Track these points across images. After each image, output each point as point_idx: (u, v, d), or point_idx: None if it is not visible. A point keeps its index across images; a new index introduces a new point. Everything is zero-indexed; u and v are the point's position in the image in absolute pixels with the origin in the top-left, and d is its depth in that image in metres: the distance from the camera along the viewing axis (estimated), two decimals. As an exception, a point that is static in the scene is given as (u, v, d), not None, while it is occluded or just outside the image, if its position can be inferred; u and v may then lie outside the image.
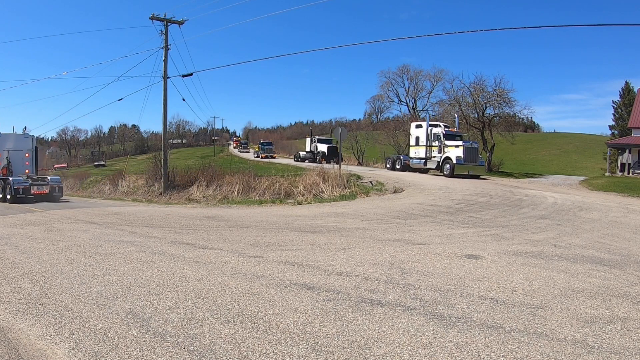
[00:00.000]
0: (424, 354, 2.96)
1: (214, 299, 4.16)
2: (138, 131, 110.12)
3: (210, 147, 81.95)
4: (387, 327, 3.43)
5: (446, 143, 23.68)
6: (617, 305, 4.03)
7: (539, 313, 3.76)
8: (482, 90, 31.27)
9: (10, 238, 7.91)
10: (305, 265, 5.48)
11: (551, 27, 51.40)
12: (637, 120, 30.06)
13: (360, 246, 6.76)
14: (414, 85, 48.95)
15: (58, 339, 3.24)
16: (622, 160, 29.51)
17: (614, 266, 5.54)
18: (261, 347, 3.07)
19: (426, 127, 25.22)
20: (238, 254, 6.28)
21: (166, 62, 20.06)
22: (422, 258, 5.88)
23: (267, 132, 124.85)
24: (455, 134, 24.66)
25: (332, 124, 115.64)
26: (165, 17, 19.76)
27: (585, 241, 7.24)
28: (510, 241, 7.15)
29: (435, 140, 24.46)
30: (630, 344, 3.14)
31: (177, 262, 5.79)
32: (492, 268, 5.36)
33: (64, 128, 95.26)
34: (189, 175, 20.73)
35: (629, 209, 11.73)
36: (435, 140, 24.46)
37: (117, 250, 6.65)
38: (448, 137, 23.96)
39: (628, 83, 43.79)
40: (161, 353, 2.98)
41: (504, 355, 2.94)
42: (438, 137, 24.34)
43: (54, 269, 5.41)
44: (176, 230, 8.85)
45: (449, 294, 4.28)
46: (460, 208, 11.60)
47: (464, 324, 3.48)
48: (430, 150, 24.87)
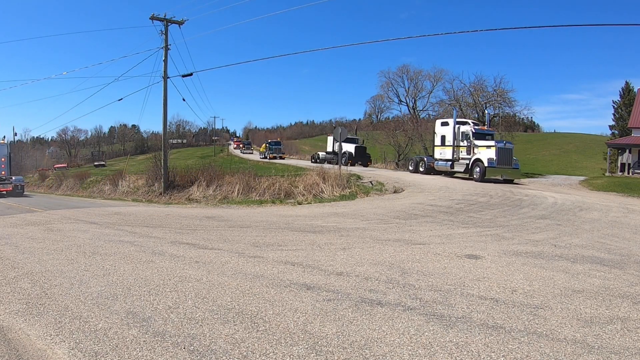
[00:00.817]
0: (424, 354, 2.95)
1: (214, 299, 4.16)
2: (138, 131, 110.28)
3: (210, 147, 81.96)
4: (387, 327, 3.43)
5: (476, 143, 21.01)
6: (617, 305, 4.03)
7: (539, 313, 3.76)
8: (482, 90, 31.32)
9: (10, 238, 7.91)
10: (305, 265, 5.48)
11: (551, 27, 51.42)
12: (637, 120, 30.06)
13: (360, 246, 6.76)
14: (414, 85, 48.85)
15: (58, 339, 3.23)
16: (622, 160, 29.51)
17: (614, 266, 5.54)
18: (261, 347, 3.07)
19: (453, 124, 22.42)
20: (238, 254, 6.28)
21: (166, 62, 20.06)
22: (422, 258, 5.88)
23: (267, 132, 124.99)
24: (486, 133, 21.95)
25: (332, 124, 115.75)
26: (165, 17, 19.75)
27: (585, 241, 7.24)
28: (510, 241, 7.15)
29: (463, 140, 21.77)
30: (630, 344, 3.14)
31: (177, 262, 5.79)
32: (492, 268, 5.36)
33: (64, 128, 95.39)
34: (189, 175, 20.72)
35: (629, 209, 11.73)
36: (463, 140, 21.77)
37: (117, 250, 6.65)
38: (478, 136, 21.30)
39: (628, 83, 43.83)
40: (161, 353, 2.98)
41: (504, 355, 2.94)
42: (467, 136, 21.61)
43: (54, 269, 5.41)
44: (176, 230, 8.85)
45: (449, 294, 4.28)
46: (460, 208, 11.60)
47: (464, 324, 3.48)
48: (457, 151, 22.16)
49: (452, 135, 22.36)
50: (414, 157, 27.28)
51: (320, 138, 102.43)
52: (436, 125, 24.81)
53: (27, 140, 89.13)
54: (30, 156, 64.34)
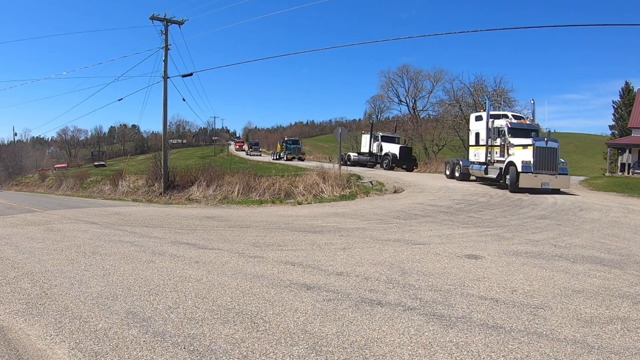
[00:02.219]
0: (424, 354, 2.95)
1: (214, 299, 4.16)
2: (138, 131, 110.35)
3: (210, 147, 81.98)
4: (387, 327, 3.43)
5: (512, 141, 16.23)
6: (617, 305, 4.03)
7: (539, 313, 3.76)
8: (482, 90, 31.33)
9: (10, 238, 7.91)
10: (305, 265, 5.48)
11: (551, 27, 51.44)
12: (637, 120, 30.08)
13: (360, 246, 6.76)
14: (414, 85, 48.97)
15: (58, 339, 3.24)
16: (622, 160, 29.54)
17: (614, 266, 5.54)
18: (261, 347, 3.07)
19: (486, 118, 17.71)
20: (238, 254, 6.28)
21: (166, 62, 20.05)
22: (422, 258, 5.88)
23: (267, 132, 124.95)
24: (527, 128, 17.01)
25: (332, 124, 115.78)
26: (165, 17, 19.75)
27: (585, 241, 7.24)
28: (510, 241, 7.15)
29: (497, 137, 17.01)
30: (630, 344, 3.14)
31: (177, 262, 5.79)
32: (492, 268, 5.36)
33: (64, 128, 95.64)
34: (189, 176, 20.71)
35: (629, 209, 11.73)
36: (497, 137, 17.01)
37: (117, 250, 6.65)
38: (515, 133, 16.50)
39: (628, 83, 43.90)
40: (161, 353, 2.98)
41: (504, 355, 2.94)
42: (501, 132, 16.84)
43: (54, 269, 5.41)
44: (176, 230, 8.85)
45: (449, 294, 4.28)
46: (461, 208, 11.59)
47: (464, 324, 3.48)
48: (491, 151, 17.48)
49: (486, 132, 17.72)
50: (450, 160, 22.88)
51: (320, 138, 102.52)
52: (471, 120, 20.31)
53: (27, 140, 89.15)
54: (30, 156, 64.29)
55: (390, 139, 30.04)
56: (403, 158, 27.54)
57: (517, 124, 17.05)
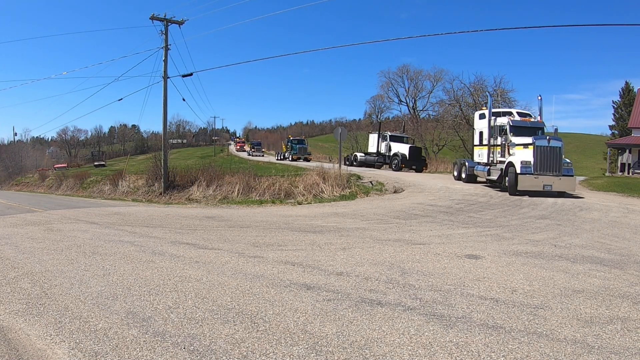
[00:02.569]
0: (424, 354, 2.95)
1: (214, 299, 4.16)
2: (138, 131, 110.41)
3: (210, 147, 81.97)
4: (387, 327, 3.43)
5: (513, 140, 15.30)
6: (617, 305, 4.03)
7: (539, 313, 3.76)
8: (482, 90, 31.33)
9: (10, 238, 7.91)
10: (305, 265, 5.48)
11: (551, 27, 51.47)
12: (637, 120, 30.09)
13: (360, 246, 6.76)
14: (414, 85, 49.06)
15: (58, 339, 3.24)
16: (622, 160, 29.56)
17: (614, 266, 5.54)
18: (261, 347, 3.07)
19: (488, 116, 16.89)
20: (238, 254, 6.28)
21: (166, 62, 20.05)
22: (422, 258, 5.88)
23: (267, 132, 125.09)
24: (531, 126, 15.95)
25: (332, 124, 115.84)
26: (165, 17, 19.75)
27: (585, 241, 7.24)
28: (510, 241, 7.15)
29: (499, 136, 16.20)
30: (630, 344, 3.14)
31: (177, 262, 5.79)
32: (492, 268, 5.35)
33: (64, 128, 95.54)
34: (189, 175, 20.71)
35: (629, 209, 11.73)
36: (499, 136, 16.20)
37: (117, 250, 6.65)
38: (518, 131, 15.54)
39: (628, 83, 43.96)
40: (161, 353, 2.98)
41: (504, 355, 2.94)
42: (503, 130, 15.98)
43: (54, 269, 5.41)
44: (176, 230, 8.85)
45: (449, 294, 4.28)
46: (461, 208, 11.59)
47: (464, 324, 3.48)
48: (494, 151, 16.63)
49: (488, 131, 16.87)
50: (457, 161, 21.75)
51: (320, 138, 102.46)
52: (475, 119, 19.30)
53: (27, 140, 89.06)
54: (30, 156, 64.27)
55: (399, 139, 29.02)
56: (413, 158, 26.62)
57: (520, 121, 16.09)
